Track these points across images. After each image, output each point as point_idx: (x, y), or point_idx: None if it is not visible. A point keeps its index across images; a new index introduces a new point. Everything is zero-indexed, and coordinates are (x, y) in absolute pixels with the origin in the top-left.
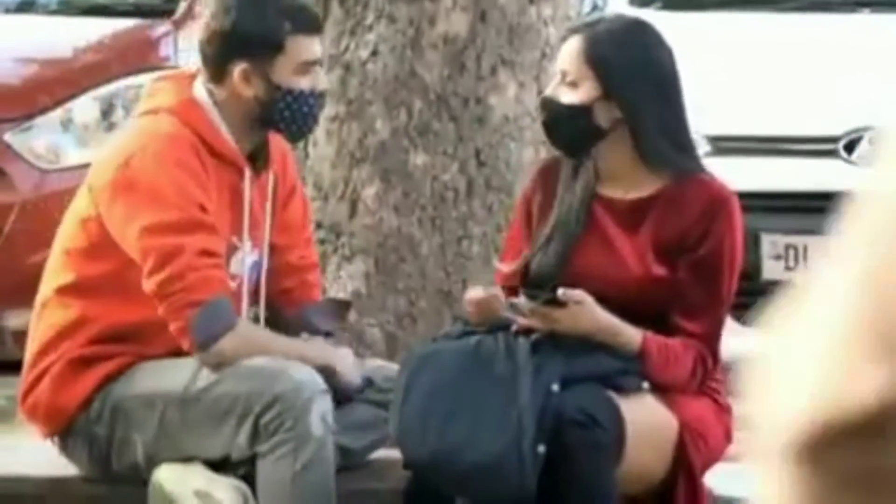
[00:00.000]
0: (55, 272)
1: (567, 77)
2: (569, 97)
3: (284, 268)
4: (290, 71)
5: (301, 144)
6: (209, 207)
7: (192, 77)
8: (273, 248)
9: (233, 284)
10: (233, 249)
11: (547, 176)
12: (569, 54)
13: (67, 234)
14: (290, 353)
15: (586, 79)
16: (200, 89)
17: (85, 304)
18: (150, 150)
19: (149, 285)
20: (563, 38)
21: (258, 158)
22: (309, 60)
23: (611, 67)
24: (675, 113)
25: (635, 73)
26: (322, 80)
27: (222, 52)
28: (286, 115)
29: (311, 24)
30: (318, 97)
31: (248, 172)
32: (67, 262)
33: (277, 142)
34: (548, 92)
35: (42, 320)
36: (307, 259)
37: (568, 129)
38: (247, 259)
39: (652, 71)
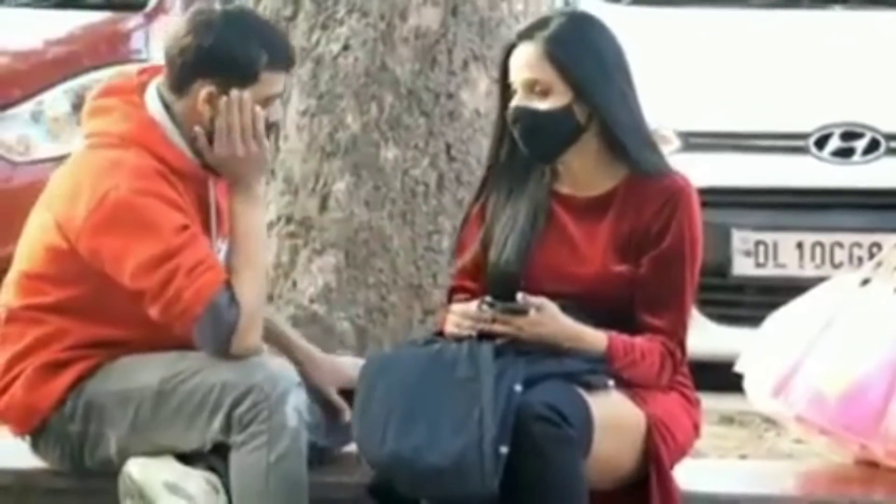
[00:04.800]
0: (23, 292)
1: (537, 87)
2: (545, 104)
3: None
4: (255, 102)
5: (272, 138)
6: (191, 224)
7: (140, 87)
8: None
9: None
10: None
11: (500, 174)
12: (534, 62)
13: (32, 258)
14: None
15: (556, 83)
16: (154, 101)
17: (61, 319)
18: (123, 187)
19: (153, 314)
20: (513, 46)
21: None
22: (274, 95)
23: (579, 67)
24: (638, 106)
25: (601, 70)
26: (278, 111)
27: (194, 67)
28: None
29: (288, 61)
30: (269, 128)
31: (210, 182)
32: (39, 287)
33: None
34: (519, 102)
35: (11, 331)
36: None
37: (550, 135)
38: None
39: (612, 65)
